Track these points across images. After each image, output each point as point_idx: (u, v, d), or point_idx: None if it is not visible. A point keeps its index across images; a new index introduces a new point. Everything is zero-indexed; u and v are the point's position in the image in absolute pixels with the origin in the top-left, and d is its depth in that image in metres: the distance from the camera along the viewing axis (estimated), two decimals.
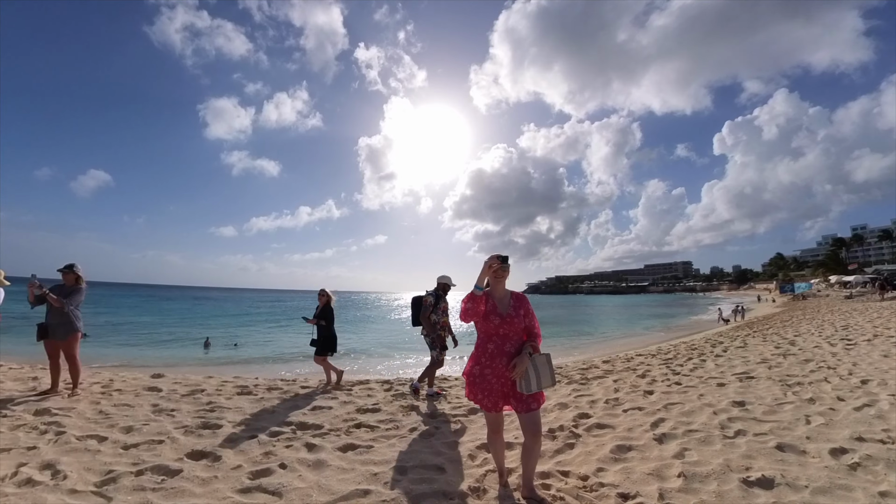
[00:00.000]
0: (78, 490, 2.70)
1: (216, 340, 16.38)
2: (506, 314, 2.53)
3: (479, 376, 2.54)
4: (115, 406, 4.72)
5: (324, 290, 6.32)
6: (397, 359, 13.38)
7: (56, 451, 3.35)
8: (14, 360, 7.55)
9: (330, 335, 6.20)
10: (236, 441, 3.64)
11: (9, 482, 2.79)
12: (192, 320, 29.37)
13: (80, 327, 5.27)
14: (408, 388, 5.83)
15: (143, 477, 2.90)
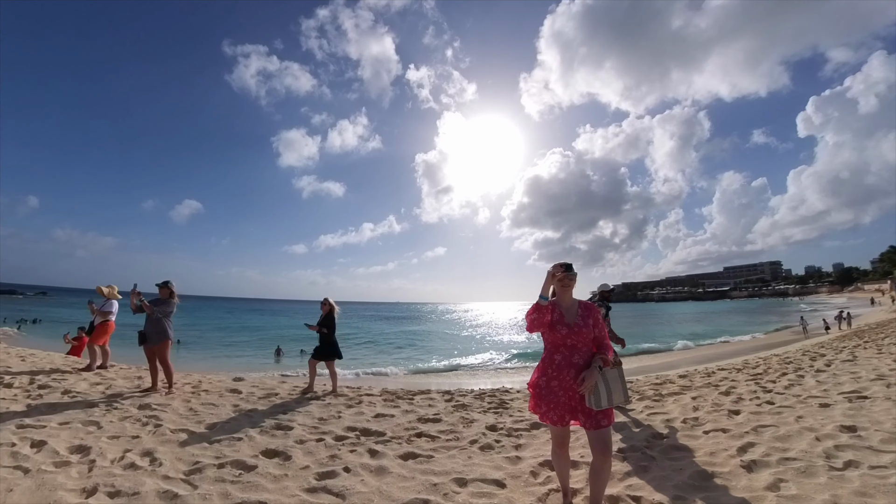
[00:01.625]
0: (170, 476, 3.02)
1: (287, 348, 17.73)
2: (573, 324, 2.44)
3: (545, 388, 2.44)
4: (203, 405, 5.22)
5: (326, 299, 6.52)
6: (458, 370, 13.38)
7: (154, 441, 3.78)
8: (124, 362, 8.65)
9: (331, 342, 6.37)
10: (305, 443, 3.84)
11: (117, 464, 3.22)
12: (267, 330, 31.75)
13: (171, 335, 6.01)
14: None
15: (224, 470, 3.16)
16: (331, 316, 6.45)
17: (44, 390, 5.56)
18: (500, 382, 8.58)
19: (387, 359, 16.29)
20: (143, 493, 2.74)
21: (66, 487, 2.79)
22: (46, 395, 5.31)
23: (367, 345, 21.92)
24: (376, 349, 19.79)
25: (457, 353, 18.58)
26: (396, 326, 38.92)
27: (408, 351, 19.23)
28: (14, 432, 3.84)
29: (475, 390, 6.63)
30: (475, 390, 6.63)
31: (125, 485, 2.84)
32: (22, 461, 3.19)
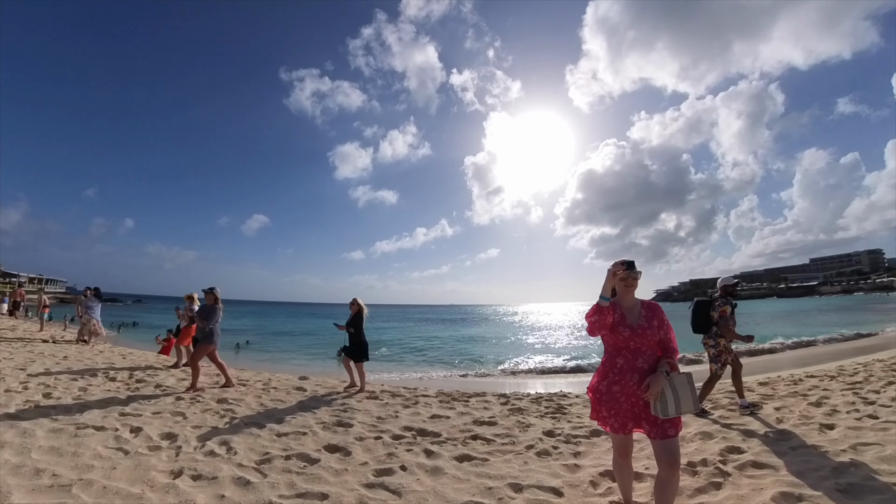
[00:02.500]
0: (244, 464, 3.29)
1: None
2: (636, 325, 2.29)
3: (605, 393, 2.30)
4: (272, 400, 5.61)
5: (355, 299, 6.68)
6: (514, 374, 13.17)
7: (230, 431, 4.13)
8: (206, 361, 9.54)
9: (359, 341, 6.52)
10: (364, 440, 3.98)
11: (199, 451, 3.57)
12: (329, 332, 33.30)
13: (216, 341, 6.38)
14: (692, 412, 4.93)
15: (290, 461, 3.38)
16: (359, 316, 6.61)
17: (140, 384, 6.29)
18: (558, 386, 8.32)
19: (441, 361, 16.43)
20: (221, 477, 3.01)
21: (157, 469, 3.15)
22: (142, 388, 6.02)
23: (421, 347, 22.28)
24: (430, 351, 20.04)
25: (512, 356, 18.29)
26: (450, 329, 39.16)
27: (462, 353, 19.25)
28: (117, 419, 4.39)
29: (532, 394, 6.48)
30: (532, 394, 6.48)
31: (205, 469, 3.15)
32: (123, 444, 3.64)
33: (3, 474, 2.94)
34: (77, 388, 5.80)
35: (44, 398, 5.16)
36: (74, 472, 3.05)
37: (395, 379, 9.97)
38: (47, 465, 3.12)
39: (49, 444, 3.57)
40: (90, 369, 7.26)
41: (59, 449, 3.47)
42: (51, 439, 3.69)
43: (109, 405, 4.96)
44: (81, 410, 4.66)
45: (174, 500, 2.68)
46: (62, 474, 2.98)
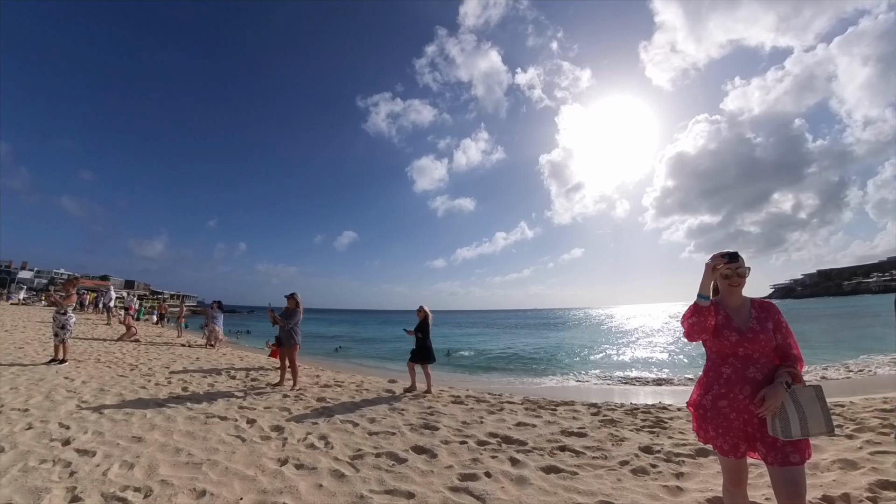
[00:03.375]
0: (339, 458, 3.54)
1: (439, 353, 19.23)
2: (746, 328, 1.95)
3: (710, 409, 1.98)
4: (364, 400, 5.96)
5: (421, 307, 7.14)
6: (605, 382, 12.32)
7: (327, 427, 4.48)
8: (306, 363, 10.52)
9: (425, 346, 6.96)
10: (450, 443, 4.02)
11: (301, 443, 3.93)
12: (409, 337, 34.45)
13: (299, 341, 6.86)
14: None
15: (381, 459, 3.55)
16: (425, 322, 7.07)
17: (254, 382, 7.11)
18: (656, 397, 7.59)
19: (525, 367, 16.00)
20: (319, 469, 3.27)
21: (267, 456, 3.54)
22: (256, 385, 6.79)
23: (505, 352, 21.95)
24: (514, 357, 19.64)
25: (602, 363, 17.15)
26: (534, 334, 38.04)
27: (547, 359, 18.56)
28: (237, 411, 5.01)
29: (626, 405, 6.01)
30: (626, 405, 6.01)
31: (307, 460, 3.46)
32: (241, 433, 4.15)
33: (153, 450, 3.58)
34: (206, 383, 6.77)
35: (182, 391, 6.11)
36: (204, 453, 3.56)
37: (479, 384, 9.95)
38: (184, 446, 3.70)
39: (186, 428, 4.23)
40: (216, 369, 8.42)
41: (193, 433, 4.09)
42: (187, 425, 4.37)
43: (230, 399, 5.70)
44: (210, 402, 5.43)
45: (281, 484, 2.98)
46: (195, 454, 3.51)
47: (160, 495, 2.77)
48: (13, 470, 3.09)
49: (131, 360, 8.82)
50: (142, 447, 3.65)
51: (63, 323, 7.87)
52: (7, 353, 8.61)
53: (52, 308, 8.81)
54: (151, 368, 7.99)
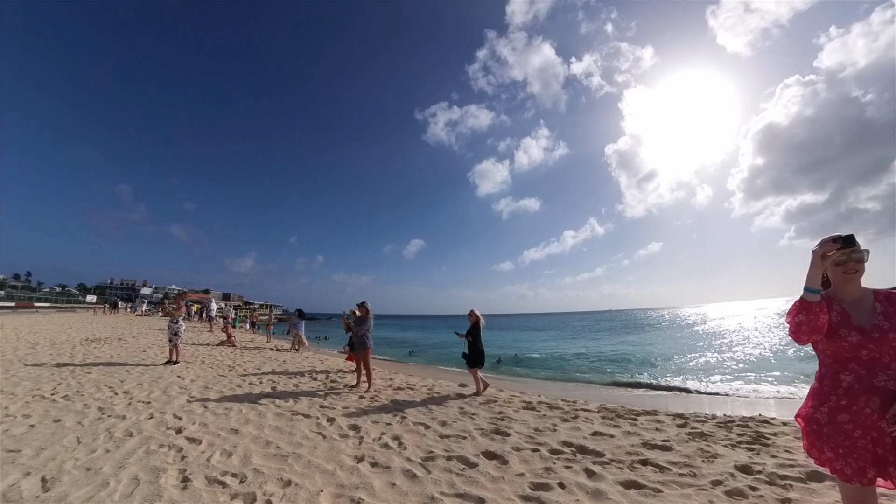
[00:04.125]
0: (412, 459, 3.63)
1: (506, 359, 18.93)
2: (870, 326, 1.63)
3: (826, 424, 1.68)
4: (436, 403, 6.04)
5: (472, 311, 7.28)
6: (692, 391, 11.22)
7: (400, 428, 4.61)
8: (380, 366, 10.97)
9: (477, 349, 7.08)
10: (521, 450, 3.93)
11: (376, 443, 4.09)
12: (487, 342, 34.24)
13: (370, 345, 7.34)
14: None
15: (451, 462, 3.57)
16: (477, 326, 7.20)
17: (334, 384, 7.55)
18: (755, 409, 6.76)
19: (601, 372, 15.11)
20: (393, 468, 3.38)
21: (345, 453, 3.74)
22: (335, 387, 7.21)
23: (579, 357, 20.95)
24: (589, 361, 18.67)
25: (688, 368, 15.62)
26: (610, 336, 35.86)
27: (625, 364, 17.37)
28: (318, 410, 5.36)
29: (718, 416, 5.43)
30: (718, 416, 5.43)
31: (381, 459, 3.60)
32: (322, 430, 4.44)
33: (248, 442, 3.97)
34: (292, 384, 7.33)
35: (271, 390, 6.68)
36: (290, 446, 3.86)
37: (551, 390, 9.61)
38: (273, 440, 4.05)
39: (275, 424, 4.62)
40: (300, 371, 9.09)
41: (281, 428, 4.45)
42: (276, 420, 4.77)
43: (313, 398, 6.12)
44: (295, 401, 5.88)
45: (357, 480, 3.13)
46: (282, 447, 3.83)
47: (253, 482, 3.06)
48: (139, 451, 3.67)
49: (229, 363, 9.86)
50: (238, 438, 4.07)
51: (175, 330, 9.20)
52: (134, 355, 10.16)
53: (167, 318, 10.40)
54: (246, 370, 8.86)
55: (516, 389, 8.16)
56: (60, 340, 12.58)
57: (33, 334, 14.03)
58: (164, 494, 2.86)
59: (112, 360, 9.27)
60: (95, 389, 6.14)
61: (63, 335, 14.23)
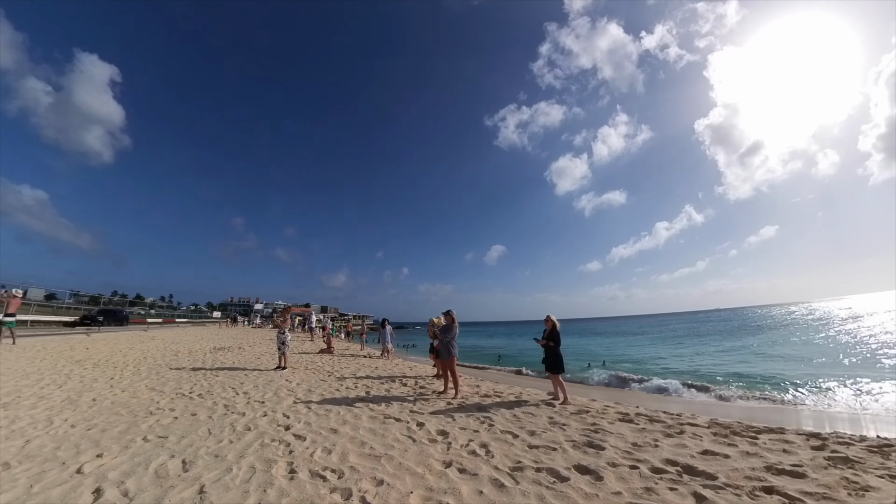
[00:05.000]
0: (499, 468, 3.57)
1: (594, 365, 17.88)
2: None
3: None
4: (524, 412, 5.90)
5: (549, 316, 7.22)
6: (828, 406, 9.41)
7: (488, 436, 4.57)
8: (466, 373, 11.04)
9: (556, 355, 6.99)
10: (617, 466, 3.64)
11: (463, 449, 4.10)
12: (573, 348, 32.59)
13: (455, 352, 7.39)
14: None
15: (541, 474, 3.43)
16: (555, 331, 7.13)
17: (422, 390, 7.77)
18: None
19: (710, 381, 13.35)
20: (480, 475, 3.36)
21: (434, 457, 3.81)
22: (424, 393, 7.41)
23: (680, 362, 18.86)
24: (696, 368, 16.69)
25: (823, 376, 13.14)
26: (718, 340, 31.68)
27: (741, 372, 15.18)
28: (408, 415, 5.55)
29: (869, 438, 4.50)
30: (869, 438, 4.50)
31: (469, 466, 3.59)
32: (412, 434, 4.58)
33: (345, 441, 4.26)
34: (384, 389, 7.70)
35: (365, 394, 7.09)
36: (382, 448, 4.05)
37: (651, 401, 8.78)
38: (367, 440, 4.29)
39: (369, 426, 4.89)
40: (390, 376, 9.53)
41: (374, 430, 4.70)
42: (369, 423, 5.04)
43: (403, 403, 6.36)
44: (387, 405, 6.16)
45: (445, 485, 3.16)
46: (376, 448, 4.04)
47: (349, 478, 3.27)
48: (255, 444, 4.15)
49: (329, 368, 10.69)
50: (336, 437, 4.38)
51: (283, 340, 10.41)
52: (250, 362, 11.55)
53: (276, 329, 11.81)
54: (343, 375, 9.52)
55: (610, 399, 7.65)
56: (195, 349, 14.76)
57: (175, 344, 16.65)
58: (275, 483, 3.19)
59: (234, 365, 10.63)
60: (221, 390, 7.07)
61: (196, 345, 16.68)
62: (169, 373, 8.90)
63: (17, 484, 3.16)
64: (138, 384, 7.41)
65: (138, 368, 9.37)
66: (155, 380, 7.91)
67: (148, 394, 6.63)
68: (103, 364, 9.87)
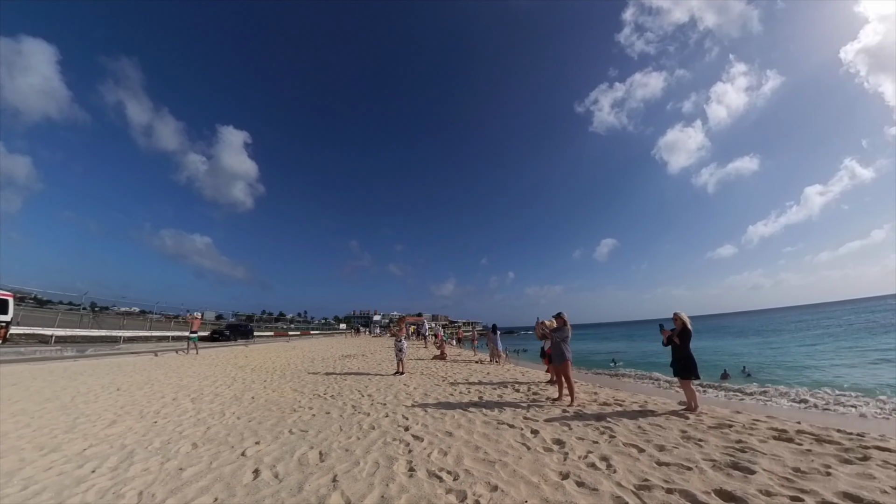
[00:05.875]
0: (622, 485, 3.27)
1: (733, 370, 15.37)
2: None
3: None
4: (650, 425, 5.32)
5: (676, 313, 6.35)
6: None
7: (609, 448, 4.24)
8: (582, 379, 10.46)
9: (686, 356, 6.18)
10: (773, 496, 3.04)
11: (582, 461, 3.86)
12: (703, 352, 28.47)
13: (569, 356, 6.98)
14: None
15: (672, 496, 3.04)
16: (686, 331, 6.27)
17: (535, 396, 7.57)
18: None
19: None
20: (601, 491, 3.12)
21: (549, 467, 3.67)
22: (537, 399, 7.22)
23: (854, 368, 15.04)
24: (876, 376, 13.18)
25: None
26: None
27: None
28: (522, 421, 5.47)
29: None
30: None
31: (587, 479, 3.36)
32: (526, 441, 4.50)
33: (460, 444, 4.37)
34: (496, 394, 7.70)
35: (478, 399, 7.18)
36: (496, 453, 4.05)
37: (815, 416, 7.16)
38: (481, 445, 4.35)
39: (482, 430, 4.95)
40: (503, 382, 9.48)
41: (488, 435, 4.73)
42: (483, 428, 5.10)
43: (516, 409, 6.27)
44: (500, 411, 6.15)
45: (562, 497, 3.02)
46: (489, 453, 4.06)
47: (464, 481, 3.34)
48: (379, 442, 4.55)
49: (442, 374, 11.10)
50: (452, 441, 4.52)
51: (400, 347, 11.29)
52: (373, 367, 12.72)
53: (393, 338, 12.89)
54: (456, 380, 9.80)
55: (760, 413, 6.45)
56: (326, 357, 16.65)
57: (311, 352, 19.01)
58: (396, 479, 3.43)
59: (359, 370, 11.74)
60: (349, 392, 7.85)
61: (327, 353, 18.80)
62: (307, 377, 10.21)
63: (201, 460, 4.07)
64: (284, 386, 8.69)
65: (284, 373, 10.99)
66: (297, 382, 9.16)
67: (292, 394, 7.71)
68: (258, 369, 11.79)
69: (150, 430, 5.19)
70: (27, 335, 21.82)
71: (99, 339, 25.16)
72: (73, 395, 7.44)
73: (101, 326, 28.34)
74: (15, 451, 4.31)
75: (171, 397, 7.43)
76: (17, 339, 20.74)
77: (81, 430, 5.17)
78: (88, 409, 6.41)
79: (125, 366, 12.58)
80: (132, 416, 5.93)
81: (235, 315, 47.82)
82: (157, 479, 3.59)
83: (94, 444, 4.59)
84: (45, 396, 7.30)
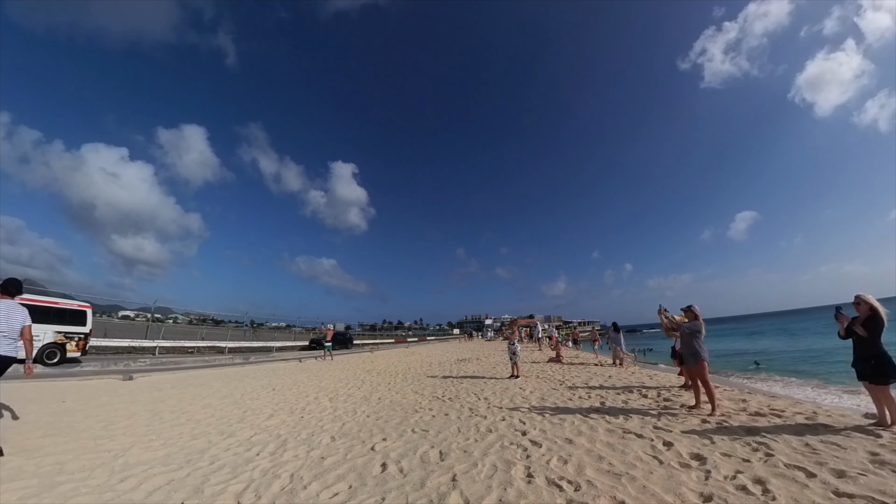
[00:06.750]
0: None
1: None
2: None
3: None
4: (823, 442, 4.34)
5: (860, 296, 4.87)
6: None
7: (765, 470, 3.53)
8: (724, 384, 9.10)
9: (876, 355, 4.69)
10: None
11: (728, 482, 3.31)
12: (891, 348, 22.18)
13: (705, 356, 6.10)
14: None
15: None
16: (875, 319, 4.76)
17: (667, 402, 6.79)
18: None
19: None
20: None
21: (687, 486, 3.22)
22: (669, 406, 6.46)
23: None
24: None
25: None
26: None
27: None
28: (652, 431, 4.93)
29: None
30: None
31: None
32: (657, 454, 4.03)
33: (581, 453, 4.12)
34: (620, 400, 7.11)
35: (600, 405, 6.72)
36: (623, 466, 3.71)
37: None
38: (605, 455, 4.03)
39: (606, 439, 4.60)
40: (627, 387, 8.72)
41: (612, 445, 4.37)
42: (607, 436, 4.73)
43: (645, 417, 5.68)
44: (625, 418, 5.65)
45: None
46: (615, 465, 3.73)
47: (586, 493, 3.12)
48: (496, 445, 4.58)
49: (559, 377, 10.67)
50: (572, 448, 4.30)
51: (514, 350, 11.16)
52: (487, 371, 12.91)
53: (506, 341, 12.97)
54: (574, 384, 9.32)
55: None
56: (442, 361, 17.33)
57: (428, 357, 20.00)
58: (514, 484, 3.38)
59: (474, 374, 11.96)
60: (466, 395, 8.05)
61: (443, 357, 19.56)
62: (426, 380, 10.75)
63: (338, 451, 4.58)
64: (405, 388, 9.29)
65: (405, 376, 11.75)
66: (417, 385, 9.71)
67: (413, 396, 8.21)
68: (383, 373, 12.83)
69: (299, 424, 6.02)
70: (209, 347, 28.23)
71: (258, 349, 31.01)
72: (242, 394, 8.99)
73: (258, 339, 35.44)
74: (205, 435, 5.38)
75: (313, 396, 8.50)
76: (198, 351, 26.39)
77: (249, 421, 6.22)
78: (253, 404, 7.69)
79: (278, 370, 14.86)
80: (284, 412, 6.94)
81: (361, 325, 53.09)
82: (304, 464, 4.16)
83: (258, 433, 5.48)
84: (223, 394, 8.96)
